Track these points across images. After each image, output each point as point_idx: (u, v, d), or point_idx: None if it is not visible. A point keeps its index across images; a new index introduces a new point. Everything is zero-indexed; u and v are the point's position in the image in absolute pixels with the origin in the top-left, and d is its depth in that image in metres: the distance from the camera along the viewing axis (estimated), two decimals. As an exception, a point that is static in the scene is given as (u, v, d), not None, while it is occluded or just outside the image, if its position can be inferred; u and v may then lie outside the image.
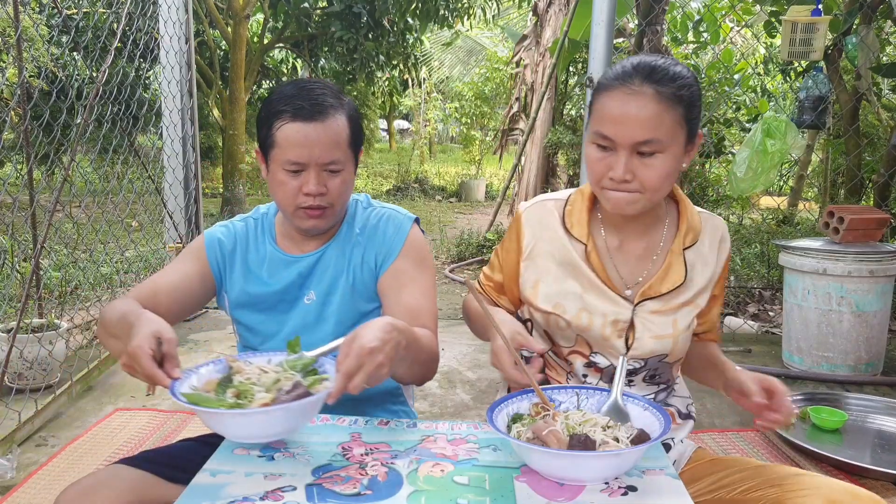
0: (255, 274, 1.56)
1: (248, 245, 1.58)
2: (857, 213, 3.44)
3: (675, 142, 1.28)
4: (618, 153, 1.27)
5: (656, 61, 1.29)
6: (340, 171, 1.45)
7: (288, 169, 1.42)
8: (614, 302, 1.39)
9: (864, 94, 4.85)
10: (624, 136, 1.25)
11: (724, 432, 2.89)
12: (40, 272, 3.50)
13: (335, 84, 1.54)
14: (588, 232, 1.42)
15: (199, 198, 4.82)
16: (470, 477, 1.09)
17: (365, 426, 1.28)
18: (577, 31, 5.73)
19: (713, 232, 1.45)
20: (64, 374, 3.23)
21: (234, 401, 1.14)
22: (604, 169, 1.29)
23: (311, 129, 1.40)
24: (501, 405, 1.21)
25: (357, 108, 1.53)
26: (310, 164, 1.42)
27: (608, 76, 1.32)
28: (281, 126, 1.41)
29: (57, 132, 3.80)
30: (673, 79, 1.27)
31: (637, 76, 1.27)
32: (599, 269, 1.40)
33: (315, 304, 1.53)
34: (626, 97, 1.26)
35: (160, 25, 4.47)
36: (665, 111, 1.25)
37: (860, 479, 2.42)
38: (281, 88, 1.48)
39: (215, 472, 1.10)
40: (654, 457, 1.16)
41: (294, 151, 1.41)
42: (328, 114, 1.42)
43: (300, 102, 1.41)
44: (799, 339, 3.54)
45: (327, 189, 1.44)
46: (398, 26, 10.19)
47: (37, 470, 2.51)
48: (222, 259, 1.57)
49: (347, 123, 1.46)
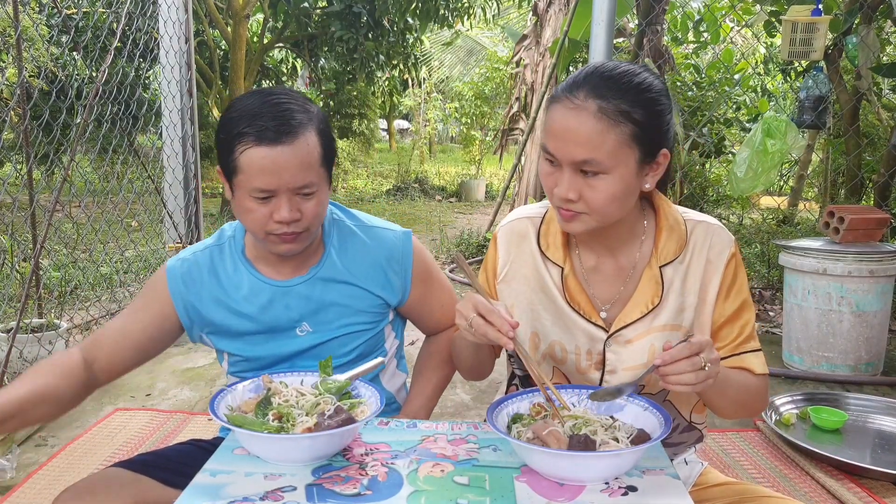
0: (233, 306, 1.43)
1: (220, 275, 1.44)
2: (857, 213, 3.44)
3: (622, 163, 1.16)
4: (562, 170, 1.18)
5: (614, 70, 1.17)
6: (314, 192, 1.32)
7: (256, 196, 1.29)
8: (588, 333, 1.30)
9: (864, 93, 4.85)
10: (563, 154, 1.16)
11: (725, 432, 2.89)
12: (40, 272, 3.50)
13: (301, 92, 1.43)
14: (565, 254, 1.32)
15: (199, 198, 4.82)
16: (470, 477, 1.09)
17: (365, 426, 1.28)
18: (578, 30, 5.72)
19: (704, 240, 1.30)
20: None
21: (278, 424, 1.15)
22: (552, 184, 1.21)
23: (279, 154, 1.26)
24: (501, 405, 1.21)
25: (327, 117, 1.40)
26: (279, 191, 1.28)
27: (562, 84, 1.22)
28: (244, 150, 1.27)
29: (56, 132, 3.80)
30: (624, 92, 1.15)
31: (583, 88, 1.16)
32: (577, 293, 1.31)
33: (310, 336, 1.45)
34: (566, 112, 1.16)
35: (160, 25, 4.47)
36: (607, 130, 1.14)
37: (860, 479, 2.42)
38: (240, 101, 1.32)
39: (215, 472, 1.10)
40: (655, 457, 1.16)
41: (260, 179, 1.27)
42: (296, 133, 1.28)
43: (263, 123, 1.26)
44: (799, 339, 3.54)
45: (301, 213, 1.31)
46: (398, 26, 10.19)
47: (36, 470, 2.51)
48: (189, 294, 1.43)
49: (318, 140, 1.32)
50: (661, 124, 1.19)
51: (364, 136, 14.40)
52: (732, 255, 1.30)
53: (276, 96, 1.32)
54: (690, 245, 1.30)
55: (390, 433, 1.26)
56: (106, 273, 4.94)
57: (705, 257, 1.29)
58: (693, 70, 6.70)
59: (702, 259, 1.29)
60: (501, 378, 3.34)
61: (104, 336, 1.42)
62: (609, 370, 1.30)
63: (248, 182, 1.29)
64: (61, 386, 1.31)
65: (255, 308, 1.43)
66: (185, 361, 3.72)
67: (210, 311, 1.44)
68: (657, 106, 1.18)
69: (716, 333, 1.30)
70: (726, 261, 1.29)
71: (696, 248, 1.30)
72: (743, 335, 1.30)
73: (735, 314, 1.29)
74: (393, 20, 10.02)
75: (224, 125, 1.31)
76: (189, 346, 3.93)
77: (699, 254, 1.29)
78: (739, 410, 1.30)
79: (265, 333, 1.44)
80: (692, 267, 1.29)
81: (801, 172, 7.56)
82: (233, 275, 1.44)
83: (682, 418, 1.39)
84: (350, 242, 1.48)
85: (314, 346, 1.45)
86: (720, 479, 1.40)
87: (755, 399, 1.30)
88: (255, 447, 1.14)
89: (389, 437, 1.25)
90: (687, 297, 1.29)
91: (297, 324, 1.44)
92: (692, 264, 1.29)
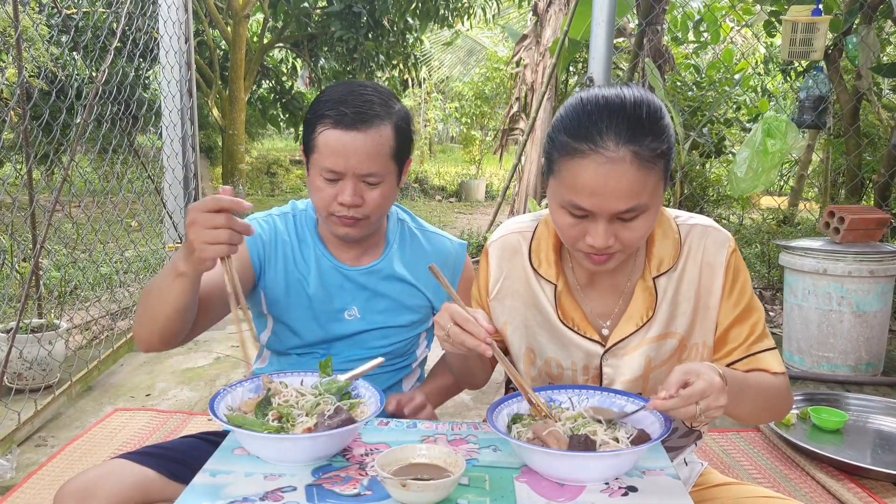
0: (300, 276, 1.50)
1: (292, 243, 1.52)
2: (857, 213, 3.44)
3: (658, 197, 1.14)
4: (595, 221, 1.13)
5: (625, 103, 1.09)
6: (379, 183, 1.41)
7: (325, 176, 1.39)
8: (584, 349, 1.29)
9: (864, 93, 4.85)
10: (603, 208, 1.11)
11: (725, 432, 2.89)
12: (40, 272, 3.50)
13: (389, 89, 1.48)
14: (558, 270, 1.29)
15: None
16: (470, 477, 1.09)
17: (365, 426, 1.28)
18: (578, 30, 5.72)
19: (698, 245, 1.27)
20: (63, 375, 3.23)
21: (277, 424, 1.16)
22: (579, 234, 1.16)
23: (350, 139, 1.36)
24: (501, 405, 1.21)
25: (409, 115, 1.47)
26: (346, 174, 1.37)
27: (569, 130, 1.11)
28: (322, 131, 1.37)
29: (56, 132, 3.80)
30: (650, 129, 1.09)
31: (610, 137, 1.08)
32: (573, 310, 1.29)
33: (356, 322, 1.52)
34: (600, 167, 1.08)
35: (160, 25, 4.47)
36: (647, 174, 1.09)
37: (860, 479, 2.42)
38: (331, 88, 1.43)
39: (215, 472, 1.10)
40: (655, 457, 1.16)
41: (331, 159, 1.37)
42: (371, 123, 1.37)
43: (344, 109, 1.36)
44: (799, 340, 3.54)
45: (363, 200, 1.40)
46: (398, 26, 10.20)
47: (36, 470, 2.51)
48: (264, 254, 1.51)
49: (393, 134, 1.40)
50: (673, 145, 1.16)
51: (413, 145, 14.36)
52: (731, 254, 1.26)
53: (363, 87, 1.42)
54: (685, 251, 1.27)
55: (390, 433, 1.26)
56: (106, 273, 4.94)
57: (700, 262, 1.26)
58: (693, 70, 6.70)
59: (696, 264, 1.26)
60: (502, 378, 3.34)
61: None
62: (606, 383, 1.29)
63: (320, 160, 1.38)
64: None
65: (315, 283, 1.50)
66: (185, 361, 3.72)
67: (276, 272, 1.50)
68: (670, 129, 1.14)
69: (725, 336, 1.27)
70: (725, 262, 1.26)
71: (690, 253, 1.27)
72: (755, 334, 1.26)
73: (743, 314, 1.26)
74: (393, 20, 10.03)
75: (313, 107, 1.42)
76: (189, 346, 3.93)
77: (693, 259, 1.26)
78: (763, 415, 1.28)
79: (317, 310, 1.50)
80: (686, 273, 1.26)
81: (802, 172, 7.56)
82: (304, 247, 1.53)
83: (684, 425, 1.39)
84: (410, 243, 1.57)
85: (356, 334, 1.52)
86: (720, 480, 1.40)
87: (778, 400, 1.26)
88: (255, 447, 1.14)
89: (389, 437, 1.25)
90: (680, 304, 1.26)
91: (348, 306, 1.51)
92: (686, 270, 1.27)
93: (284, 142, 19.96)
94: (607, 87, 1.16)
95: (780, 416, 1.31)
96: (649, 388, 1.29)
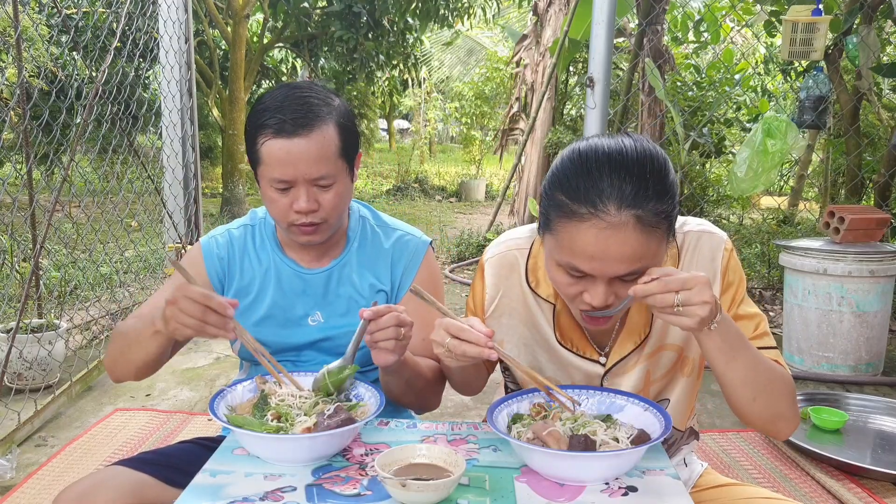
0: (260, 287, 1.48)
1: (250, 253, 1.51)
2: (857, 213, 3.44)
3: (661, 254, 1.09)
4: (595, 282, 1.09)
5: (627, 161, 1.03)
6: (332, 184, 1.36)
7: (276, 186, 1.34)
8: (584, 370, 1.28)
9: (864, 93, 4.86)
10: (604, 272, 1.07)
11: (725, 433, 2.89)
12: (40, 272, 3.50)
13: (326, 86, 1.45)
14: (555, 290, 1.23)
15: (199, 198, 4.82)
16: (470, 477, 1.09)
17: (365, 426, 1.28)
18: (578, 30, 5.73)
19: (694, 251, 1.24)
20: (63, 375, 3.23)
21: (276, 424, 1.16)
22: (576, 292, 1.12)
23: (295, 145, 1.31)
24: (501, 405, 1.21)
25: (350, 110, 1.44)
26: (297, 181, 1.33)
27: (570, 191, 1.05)
28: (265, 142, 1.32)
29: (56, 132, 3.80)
30: (653, 188, 1.03)
31: (612, 201, 1.02)
32: (570, 329, 1.26)
33: (321, 327, 1.48)
34: (600, 233, 1.03)
35: (160, 25, 4.47)
36: (649, 237, 1.04)
37: (861, 479, 2.42)
38: (266, 96, 1.38)
39: (215, 472, 1.10)
40: (655, 457, 1.16)
41: (279, 169, 1.32)
42: (313, 126, 1.32)
43: (282, 115, 1.31)
44: (799, 340, 3.54)
45: (319, 204, 1.36)
46: (398, 26, 10.20)
47: (36, 470, 2.51)
48: (222, 270, 1.50)
49: (337, 132, 1.35)
50: (677, 202, 1.10)
51: (364, 136, 14.41)
52: (728, 255, 1.23)
53: (298, 90, 1.36)
54: (681, 261, 1.24)
55: (390, 433, 1.26)
56: (106, 273, 4.94)
57: (694, 268, 1.23)
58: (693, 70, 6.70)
59: (699, 269, 1.23)
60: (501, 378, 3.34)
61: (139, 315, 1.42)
62: None
63: (268, 172, 1.34)
64: None
65: (275, 291, 1.48)
66: (185, 361, 3.72)
67: (237, 286, 1.49)
68: (675, 187, 1.08)
69: None
70: (723, 265, 1.23)
71: (685, 261, 1.24)
72: (759, 330, 1.23)
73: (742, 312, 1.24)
74: (393, 20, 10.03)
75: (250, 117, 1.37)
76: (189, 346, 3.93)
77: (688, 266, 1.23)
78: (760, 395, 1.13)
79: (279, 317, 1.48)
80: None
81: (802, 172, 7.56)
82: (262, 255, 1.50)
83: (679, 432, 1.38)
84: (371, 240, 1.53)
85: (323, 340, 1.48)
86: (720, 481, 1.39)
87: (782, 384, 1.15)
88: (255, 447, 1.14)
89: (389, 437, 1.25)
90: None
91: (311, 312, 1.47)
92: None
93: (284, 142, 19.89)
94: (608, 138, 1.09)
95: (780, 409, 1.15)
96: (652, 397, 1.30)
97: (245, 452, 1.16)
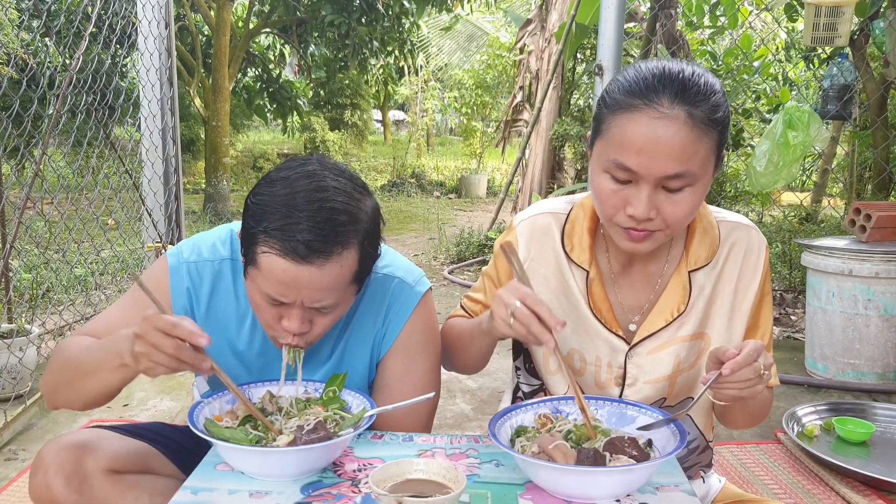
0: (232, 338, 1.39)
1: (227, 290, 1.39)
2: (885, 209, 3.44)
3: (708, 172, 1.15)
4: (639, 187, 1.13)
5: (684, 70, 1.13)
6: (331, 312, 1.26)
7: (268, 300, 1.22)
8: (610, 343, 1.30)
9: (892, 82, 4.86)
10: (650, 170, 1.11)
11: (743, 445, 2.89)
12: (9, 274, 3.49)
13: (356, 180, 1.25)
14: (591, 256, 1.30)
15: (181, 194, 4.82)
16: (471, 494, 1.09)
17: (357, 440, 1.28)
18: (586, 14, 5.73)
19: (740, 245, 1.29)
20: (35, 384, 3.22)
21: (255, 434, 1.16)
22: (619, 203, 1.16)
23: (303, 273, 1.16)
24: (504, 417, 1.21)
25: (377, 219, 1.26)
26: (294, 305, 1.21)
27: (624, 88, 1.14)
28: (266, 253, 1.17)
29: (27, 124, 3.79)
30: (707, 96, 1.11)
31: (665, 93, 1.11)
32: (601, 300, 1.29)
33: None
34: (652, 122, 1.10)
35: (138, 9, 4.47)
36: (700, 138, 1.11)
37: (888, 494, 2.42)
38: (282, 182, 1.19)
39: (196, 489, 1.10)
40: (669, 472, 1.15)
41: (276, 289, 1.19)
42: (331, 254, 1.16)
43: (296, 232, 1.14)
44: (823, 345, 3.54)
45: (312, 325, 1.25)
46: (393, 10, 10.20)
47: (6, 486, 2.50)
48: (189, 303, 1.38)
49: (357, 258, 1.21)
50: (729, 122, 1.18)
51: (357, 127, 14.42)
52: (766, 260, 1.31)
53: (323, 192, 1.17)
54: (725, 249, 1.29)
55: (384, 447, 1.26)
56: (80, 275, 4.93)
57: (740, 263, 1.29)
58: (709, 57, 6.69)
59: (736, 265, 1.29)
60: (504, 387, 3.34)
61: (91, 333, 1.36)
62: (629, 383, 1.30)
63: (262, 283, 1.21)
64: None
65: (252, 348, 1.40)
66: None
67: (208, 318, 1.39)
68: (727, 107, 1.16)
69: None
70: (764, 267, 1.31)
71: (731, 252, 1.29)
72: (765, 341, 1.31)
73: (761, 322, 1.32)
74: (388, 3, 10.03)
75: (254, 205, 1.20)
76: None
77: (734, 259, 1.29)
78: (749, 421, 1.34)
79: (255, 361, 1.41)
80: (726, 272, 1.29)
81: (825, 166, 7.57)
82: (241, 296, 1.38)
83: (702, 437, 1.39)
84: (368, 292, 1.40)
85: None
86: (739, 496, 1.40)
87: (764, 409, 1.34)
88: (234, 459, 1.14)
89: (383, 451, 1.24)
90: (716, 305, 1.29)
91: (292, 376, 1.34)
92: (726, 270, 1.29)
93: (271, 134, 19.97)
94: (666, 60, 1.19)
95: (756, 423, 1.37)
96: (675, 392, 1.30)
97: (229, 468, 1.16)
